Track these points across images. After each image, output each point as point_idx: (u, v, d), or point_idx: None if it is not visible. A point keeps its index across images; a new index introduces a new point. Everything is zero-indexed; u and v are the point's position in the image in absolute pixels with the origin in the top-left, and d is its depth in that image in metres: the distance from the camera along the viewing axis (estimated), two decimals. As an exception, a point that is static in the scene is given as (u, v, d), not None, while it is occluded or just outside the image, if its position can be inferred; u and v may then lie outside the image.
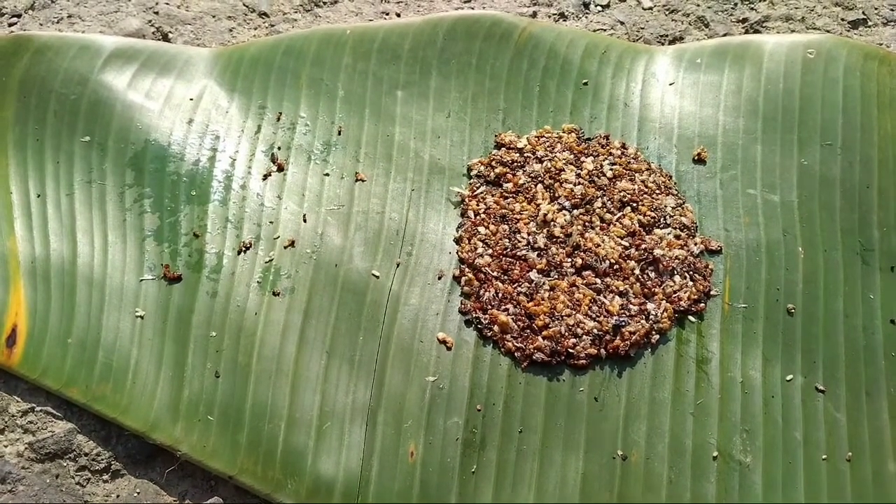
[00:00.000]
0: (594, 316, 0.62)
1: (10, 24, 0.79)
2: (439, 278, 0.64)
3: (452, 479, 0.56)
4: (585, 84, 0.74)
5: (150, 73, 0.72)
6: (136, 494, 0.56)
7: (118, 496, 0.56)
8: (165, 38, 0.78)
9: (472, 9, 0.83)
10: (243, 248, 0.64)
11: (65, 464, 0.57)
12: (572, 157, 0.70)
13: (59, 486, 0.57)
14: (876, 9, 0.85)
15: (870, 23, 0.86)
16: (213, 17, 0.80)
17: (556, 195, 0.67)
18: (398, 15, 0.82)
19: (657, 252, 0.65)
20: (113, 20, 0.79)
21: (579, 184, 0.68)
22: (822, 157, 0.70)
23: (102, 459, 0.57)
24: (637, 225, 0.66)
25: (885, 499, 0.57)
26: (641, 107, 0.74)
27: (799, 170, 0.70)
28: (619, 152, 0.71)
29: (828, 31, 0.84)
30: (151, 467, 0.57)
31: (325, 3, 0.82)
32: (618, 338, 0.61)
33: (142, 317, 0.61)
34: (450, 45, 0.74)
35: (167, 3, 0.80)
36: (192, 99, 0.72)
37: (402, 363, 0.60)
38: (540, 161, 0.69)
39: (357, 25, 0.75)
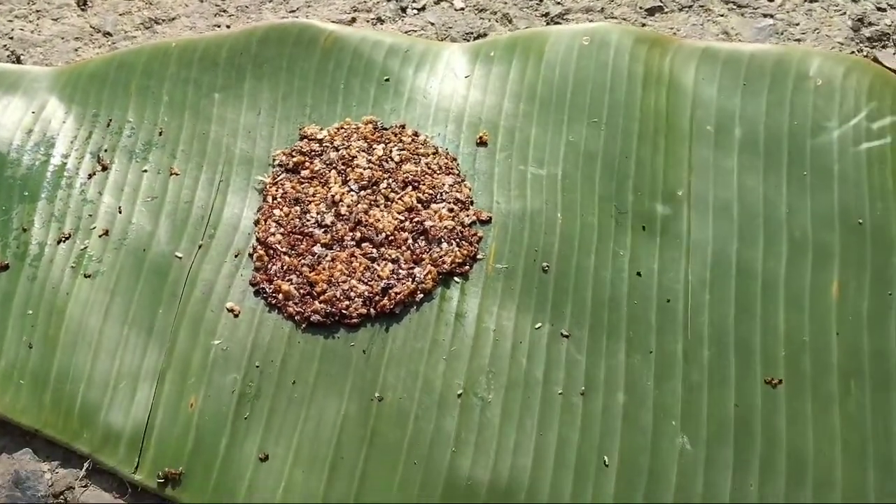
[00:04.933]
0: (366, 281, 0.71)
1: None
2: (236, 256, 0.73)
3: (225, 424, 0.65)
4: (387, 80, 0.83)
5: (-4, 91, 0.82)
6: (-42, 452, 0.66)
7: (-57, 454, 0.65)
8: (18, 60, 0.88)
9: (297, 17, 0.92)
10: (63, 239, 0.74)
11: None
12: (366, 144, 0.79)
13: None
14: (670, -4, 0.94)
15: (666, 10, 0.95)
16: (62, 38, 0.89)
17: (347, 179, 0.76)
18: (228, 27, 0.91)
19: (427, 224, 0.73)
20: (-28, 46, 0.89)
21: (368, 168, 0.77)
22: (588, 134, 0.79)
23: (-71, 422, 0.67)
24: (415, 201, 0.75)
25: (612, 426, 0.65)
26: (438, 98, 0.82)
27: (566, 146, 0.78)
28: (409, 139, 0.79)
29: (625, 20, 0.93)
30: (-25, 429, 0.67)
31: (163, 21, 0.91)
32: (385, 298, 0.70)
33: (-28, 301, 0.71)
34: (262, 51, 0.84)
35: (21, 30, 0.90)
36: (33, 112, 0.81)
37: (192, 330, 0.69)
38: (337, 150, 0.78)
39: (182, 38, 0.85)
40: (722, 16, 0.93)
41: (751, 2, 0.94)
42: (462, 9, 0.94)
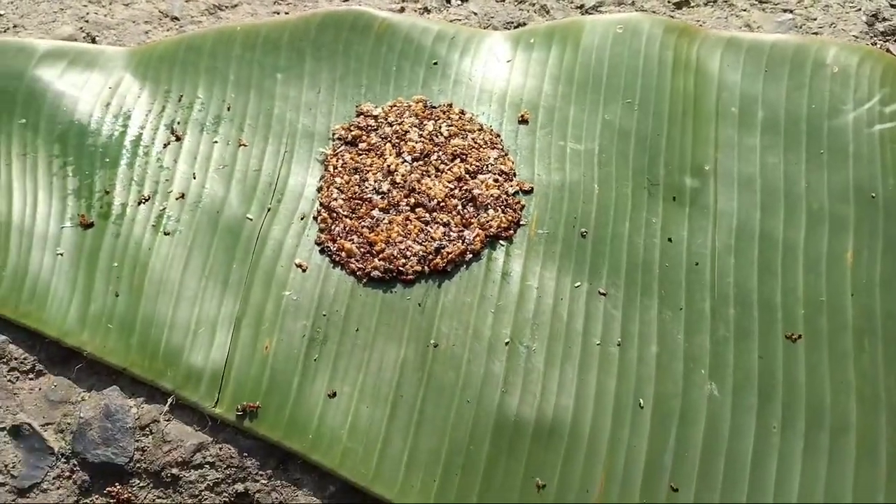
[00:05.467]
0: (420, 241, 0.78)
1: (-33, 35, 0.96)
2: (301, 219, 0.80)
3: (297, 364, 0.72)
4: (435, 64, 0.90)
5: (76, 68, 0.89)
6: (53, 387, 0.72)
7: (40, 389, 0.72)
8: (93, 41, 0.95)
9: (350, 6, 0.99)
10: (143, 200, 0.81)
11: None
12: (417, 121, 0.85)
13: (-5, 384, 0.73)
14: (695, -9, 1.01)
15: (692, 4, 1.01)
16: (133, 22, 0.97)
17: (401, 151, 0.83)
18: (286, 14, 0.98)
19: (475, 192, 0.80)
20: (50, 28, 0.96)
21: (420, 142, 0.84)
22: (622, 113, 0.85)
23: (28, 362, 0.74)
24: (464, 172, 0.82)
25: (647, 373, 0.72)
26: (482, 81, 0.89)
27: (601, 124, 0.85)
28: (457, 117, 0.86)
29: (654, 13, 1.00)
30: (67, 367, 0.73)
31: (226, 7, 0.98)
32: (438, 257, 0.77)
33: (62, 254, 0.78)
34: (321, 35, 0.91)
35: (96, 13, 0.97)
36: (110, 88, 0.88)
37: (265, 282, 0.76)
38: (391, 125, 0.85)
39: (246, 23, 0.92)
40: (745, 10, 1.00)
41: (771, -3, 1.01)
42: (502, 0, 1.01)
